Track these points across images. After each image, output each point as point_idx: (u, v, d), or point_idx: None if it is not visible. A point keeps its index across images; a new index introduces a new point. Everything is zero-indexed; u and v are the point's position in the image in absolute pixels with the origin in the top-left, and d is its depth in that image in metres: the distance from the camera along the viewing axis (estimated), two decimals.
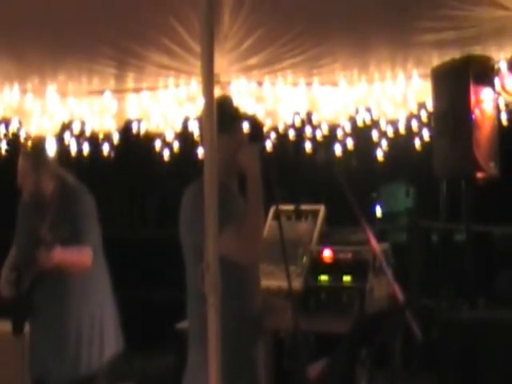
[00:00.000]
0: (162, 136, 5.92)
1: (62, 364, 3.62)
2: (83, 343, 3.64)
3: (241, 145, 2.75)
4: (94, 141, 5.76)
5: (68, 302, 3.65)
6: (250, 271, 2.77)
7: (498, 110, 4.86)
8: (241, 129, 2.84)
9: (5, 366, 4.89)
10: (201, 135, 3.07)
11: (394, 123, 5.83)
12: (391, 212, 7.94)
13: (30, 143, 3.85)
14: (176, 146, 5.95)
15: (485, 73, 4.45)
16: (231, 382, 2.46)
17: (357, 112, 5.80)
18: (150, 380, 5.65)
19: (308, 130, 5.95)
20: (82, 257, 3.64)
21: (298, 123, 5.88)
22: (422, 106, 5.63)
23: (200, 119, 2.94)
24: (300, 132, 5.96)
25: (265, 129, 5.83)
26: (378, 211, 7.98)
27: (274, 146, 5.86)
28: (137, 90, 5.46)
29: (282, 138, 5.98)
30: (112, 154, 5.89)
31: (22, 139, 5.70)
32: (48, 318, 3.65)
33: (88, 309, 3.69)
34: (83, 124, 5.75)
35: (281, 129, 5.96)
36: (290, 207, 3.97)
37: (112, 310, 3.83)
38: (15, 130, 5.70)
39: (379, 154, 5.97)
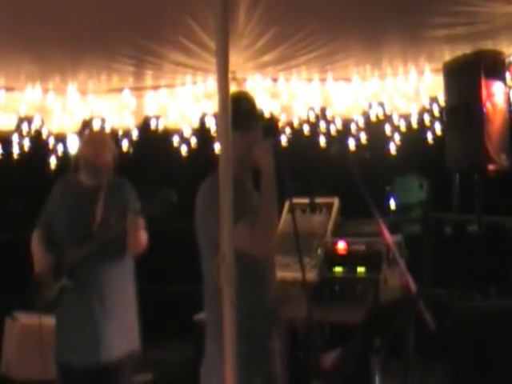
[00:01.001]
0: (179, 132, 5.99)
1: (90, 348, 3.69)
2: (112, 329, 3.72)
3: (256, 141, 2.77)
4: (114, 137, 5.85)
5: (105, 286, 3.73)
6: (265, 263, 2.80)
7: (509, 104, 4.87)
8: (256, 126, 2.84)
9: (28, 355, 5.02)
10: (217, 131, 3.13)
11: (406, 117, 5.86)
12: (405, 204, 7.93)
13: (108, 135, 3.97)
14: (193, 141, 6.02)
15: (496, 67, 4.46)
16: (247, 373, 2.51)
17: (370, 107, 5.83)
18: (167, 371, 5.64)
19: (322, 125, 5.98)
20: (144, 237, 3.76)
21: (312, 118, 5.93)
22: (434, 100, 5.66)
23: (216, 115, 3.02)
24: (314, 127, 5.99)
25: (280, 124, 5.89)
26: (392, 204, 7.99)
27: (289, 140, 5.91)
28: (155, 88, 5.52)
29: (296, 132, 6.04)
30: (131, 150, 5.98)
31: (44, 136, 5.82)
32: (81, 301, 3.73)
33: (119, 298, 3.78)
34: (103, 121, 5.80)
35: (295, 124, 5.99)
36: (305, 200, 4.04)
37: (135, 311, 3.90)
38: (37, 128, 5.77)
39: (392, 148, 6.02)
